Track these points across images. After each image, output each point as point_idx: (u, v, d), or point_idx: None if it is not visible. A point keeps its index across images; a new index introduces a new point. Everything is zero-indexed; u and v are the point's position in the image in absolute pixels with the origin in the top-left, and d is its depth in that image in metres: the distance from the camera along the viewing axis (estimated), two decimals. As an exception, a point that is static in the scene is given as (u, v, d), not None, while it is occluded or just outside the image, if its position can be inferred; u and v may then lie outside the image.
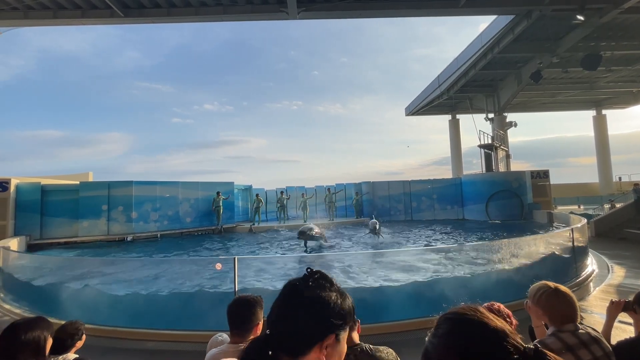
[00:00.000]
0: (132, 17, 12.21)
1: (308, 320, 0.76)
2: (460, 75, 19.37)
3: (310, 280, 0.81)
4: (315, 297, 0.79)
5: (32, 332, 1.53)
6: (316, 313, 0.77)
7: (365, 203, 17.99)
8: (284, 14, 12.06)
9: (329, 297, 0.80)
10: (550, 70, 17.57)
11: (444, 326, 0.74)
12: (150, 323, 4.67)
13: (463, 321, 0.72)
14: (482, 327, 0.70)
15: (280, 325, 0.77)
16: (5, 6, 11.43)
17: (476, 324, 0.71)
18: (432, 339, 0.74)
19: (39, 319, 1.66)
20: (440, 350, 0.71)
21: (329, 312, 0.78)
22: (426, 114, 28.16)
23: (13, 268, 6.70)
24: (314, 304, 0.78)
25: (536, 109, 27.14)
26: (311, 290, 0.79)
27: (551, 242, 6.47)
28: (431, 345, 0.74)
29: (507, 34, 14.84)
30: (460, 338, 0.70)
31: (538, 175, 16.69)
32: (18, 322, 1.57)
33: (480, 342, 0.68)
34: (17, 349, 1.46)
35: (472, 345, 0.68)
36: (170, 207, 13.51)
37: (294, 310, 0.77)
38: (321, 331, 0.76)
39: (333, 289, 0.82)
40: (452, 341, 0.71)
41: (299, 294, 0.79)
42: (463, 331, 0.71)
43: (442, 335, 0.72)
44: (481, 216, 15.84)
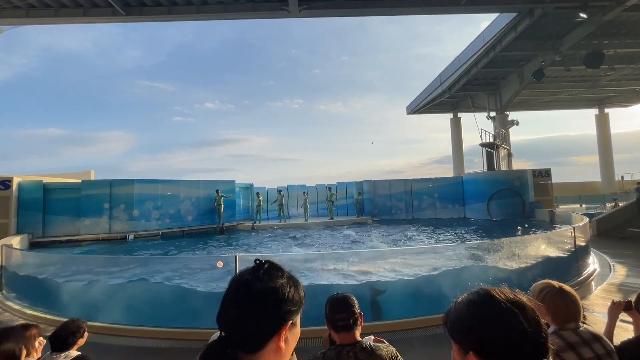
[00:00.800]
0: (133, 15, 12.21)
1: (263, 314, 0.74)
2: (462, 74, 19.31)
3: (260, 272, 0.78)
4: (267, 289, 0.76)
5: (6, 344, 1.50)
6: (270, 305, 0.74)
7: (366, 202, 17.99)
8: (285, 12, 12.04)
9: (282, 287, 0.77)
10: (553, 68, 17.49)
11: (473, 300, 0.78)
12: (151, 321, 4.69)
13: (492, 305, 0.74)
14: (511, 321, 0.71)
15: (235, 326, 0.73)
16: (7, 4, 11.45)
17: (506, 314, 0.72)
18: (456, 310, 0.79)
19: (13, 328, 1.61)
20: (458, 324, 0.77)
21: (282, 301, 0.75)
22: (428, 113, 28.10)
23: (15, 266, 6.73)
24: (267, 297, 0.75)
25: (538, 108, 27.02)
26: (262, 282, 0.76)
27: (553, 241, 6.45)
28: (455, 313, 0.79)
29: (509, 32, 14.77)
30: (481, 324, 0.73)
31: (540, 174, 16.65)
32: None
33: (499, 338, 0.70)
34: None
35: (490, 335, 0.71)
36: (172, 206, 13.53)
37: (247, 307, 0.74)
38: (277, 322, 0.74)
39: (284, 277, 0.80)
40: (470, 325, 0.74)
41: (250, 288, 0.76)
42: (486, 319, 0.73)
43: (466, 310, 0.77)
44: (483, 215, 15.81)
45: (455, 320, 0.78)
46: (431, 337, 4.20)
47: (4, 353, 1.45)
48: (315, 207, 18.50)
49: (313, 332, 3.71)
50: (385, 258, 5.79)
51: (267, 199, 17.66)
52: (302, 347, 1.26)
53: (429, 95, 23.60)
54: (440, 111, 27.37)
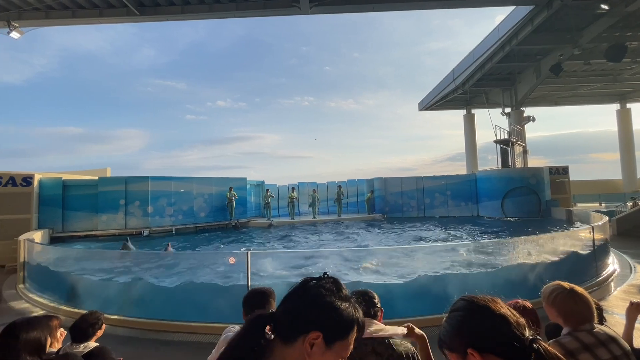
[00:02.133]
0: (147, 15, 12.41)
1: (301, 309, 0.82)
2: (476, 69, 18.89)
3: (321, 281, 0.88)
4: (317, 293, 0.85)
5: (32, 332, 1.54)
6: (309, 306, 0.83)
7: (377, 199, 17.89)
8: (296, 9, 12.02)
9: (329, 299, 0.84)
10: (572, 62, 16.92)
11: (457, 307, 0.93)
12: (165, 314, 4.80)
13: (473, 304, 0.90)
14: (489, 312, 0.86)
15: (282, 306, 0.85)
16: (28, 6, 11.81)
17: (484, 308, 0.87)
18: (446, 321, 0.93)
19: (39, 318, 1.66)
20: (450, 330, 0.90)
21: (322, 310, 0.82)
22: (440, 109, 27.64)
23: (37, 260, 7.00)
24: (312, 298, 0.84)
25: (556, 103, 26.20)
26: (317, 288, 0.86)
27: (570, 240, 6.28)
28: (445, 325, 0.93)
29: (526, 25, 14.35)
30: (469, 319, 0.88)
31: (557, 171, 16.19)
32: (18, 322, 1.56)
33: (486, 325, 0.84)
34: (18, 348, 1.46)
35: (478, 326, 0.85)
36: (185, 202, 13.77)
37: (296, 298, 0.85)
38: (307, 323, 0.80)
39: (339, 295, 0.86)
40: (461, 322, 0.88)
41: (306, 287, 0.87)
42: (472, 313, 0.88)
43: (454, 317, 0.91)
44: (497, 213, 15.50)
45: (447, 331, 0.91)
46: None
47: (31, 341, 1.50)
48: (326, 204, 18.52)
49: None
50: (395, 256, 5.75)
51: (278, 196, 17.79)
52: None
53: (442, 91, 23.20)
54: (453, 107, 26.89)
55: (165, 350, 4.13)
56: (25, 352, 1.45)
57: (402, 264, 5.46)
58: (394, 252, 6.35)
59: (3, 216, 10.19)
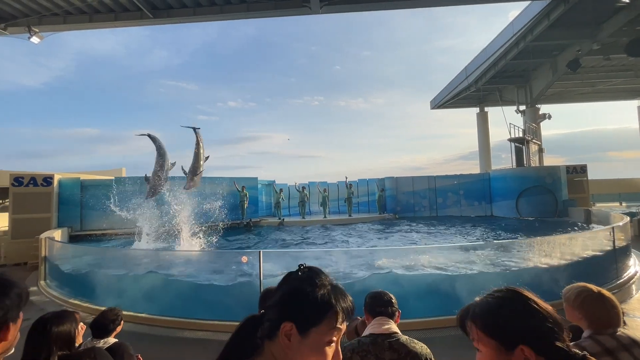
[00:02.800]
0: (160, 18, 12.63)
1: (277, 303, 0.82)
2: (489, 66, 18.51)
3: (298, 272, 0.87)
4: (289, 284, 0.84)
5: (62, 326, 1.57)
6: (283, 298, 0.82)
7: (389, 199, 17.75)
8: (306, 8, 12.02)
9: (299, 286, 0.82)
10: (590, 57, 16.40)
11: (509, 297, 0.89)
12: (182, 312, 4.89)
13: (530, 302, 0.86)
14: (547, 314, 0.84)
15: (265, 309, 0.85)
16: (47, 12, 12.19)
17: (541, 309, 0.85)
18: (495, 307, 0.88)
19: (66, 312, 1.70)
20: (500, 319, 0.85)
21: (290, 298, 0.80)
22: (453, 107, 27.23)
23: (56, 257, 7.23)
24: (284, 290, 0.83)
25: (573, 100, 25.44)
26: (292, 279, 0.85)
27: (589, 241, 6.11)
28: (491, 309, 0.88)
29: (541, 20, 13.98)
30: (529, 317, 0.84)
31: (574, 170, 15.74)
32: (48, 316, 1.60)
33: (544, 328, 0.82)
34: (50, 341, 1.50)
35: (540, 328, 0.82)
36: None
37: (276, 292, 0.85)
38: (280, 315, 0.79)
39: (312, 282, 0.82)
40: (518, 316, 0.84)
41: (284, 279, 0.87)
42: (533, 312, 0.84)
43: (508, 306, 0.86)
44: (511, 213, 15.18)
45: (502, 319, 0.85)
46: (451, 338, 4.11)
47: (62, 335, 1.54)
48: (337, 203, 18.49)
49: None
50: (406, 255, 5.70)
51: (289, 196, 17.87)
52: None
53: (454, 89, 22.84)
54: (466, 105, 26.44)
55: (178, 347, 4.21)
56: (57, 346, 1.49)
57: (413, 264, 5.41)
58: (405, 252, 6.30)
59: (25, 215, 10.56)
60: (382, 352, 1.54)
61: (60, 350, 1.50)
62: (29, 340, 1.48)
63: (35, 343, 1.48)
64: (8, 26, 12.35)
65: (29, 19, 12.26)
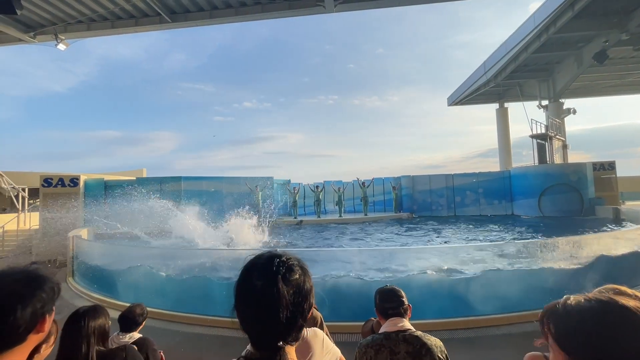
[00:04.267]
0: (178, 21, 12.95)
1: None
2: (509, 60, 17.93)
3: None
4: None
5: (97, 320, 1.63)
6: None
7: (405, 198, 17.53)
8: (320, 7, 12.01)
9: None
10: (618, 48, 15.61)
11: (584, 304, 0.70)
12: (199, 309, 5.01)
13: (609, 306, 0.67)
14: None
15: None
16: (72, 20, 12.73)
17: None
18: (579, 311, 0.70)
19: (99, 307, 1.75)
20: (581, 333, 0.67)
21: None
22: (471, 104, 26.53)
23: (84, 255, 7.55)
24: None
25: (600, 93, 24.29)
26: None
27: (618, 240, 5.83)
28: (563, 310, 0.70)
29: (565, 11, 13.41)
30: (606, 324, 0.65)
31: (602, 167, 15.04)
32: (83, 310, 1.65)
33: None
34: (86, 334, 1.54)
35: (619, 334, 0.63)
36: (216, 201, 14.25)
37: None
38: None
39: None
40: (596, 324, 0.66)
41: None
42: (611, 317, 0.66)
43: (593, 311, 0.68)
44: (533, 212, 14.67)
45: (573, 329, 0.69)
46: (462, 340, 4.02)
47: (98, 328, 1.61)
48: (352, 202, 18.43)
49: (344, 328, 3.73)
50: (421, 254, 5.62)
51: (304, 195, 17.94)
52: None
53: (473, 84, 22.25)
54: (485, 101, 25.71)
55: (202, 344, 4.32)
56: (92, 339, 1.55)
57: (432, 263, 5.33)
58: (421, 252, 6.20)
59: (54, 214, 11.08)
60: (397, 345, 1.56)
61: (96, 344, 1.55)
62: (66, 334, 1.53)
63: (73, 336, 1.53)
64: (37, 34, 12.99)
65: (55, 26, 12.84)
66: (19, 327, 0.82)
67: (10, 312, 0.80)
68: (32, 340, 0.87)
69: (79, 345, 1.50)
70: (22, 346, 0.84)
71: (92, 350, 1.52)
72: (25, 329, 0.83)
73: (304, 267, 0.87)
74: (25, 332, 0.84)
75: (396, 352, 1.54)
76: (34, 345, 0.88)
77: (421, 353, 1.52)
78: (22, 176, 16.78)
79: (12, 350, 0.82)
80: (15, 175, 16.01)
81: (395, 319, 1.67)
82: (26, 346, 0.86)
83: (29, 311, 0.83)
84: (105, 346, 1.64)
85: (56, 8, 11.90)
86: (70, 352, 1.49)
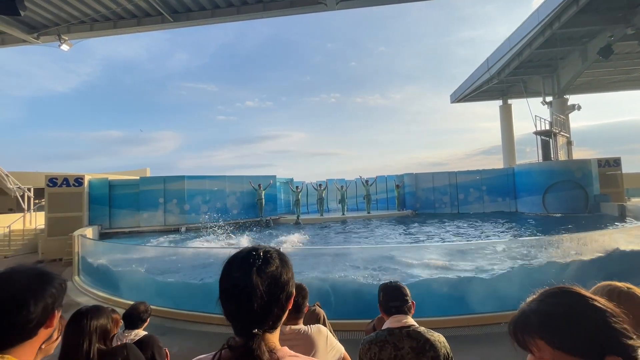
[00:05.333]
0: (180, 21, 12.96)
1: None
2: (512, 57, 17.79)
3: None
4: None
5: (100, 319, 1.65)
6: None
7: (408, 195, 17.51)
8: (322, 5, 11.97)
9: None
10: (624, 43, 15.44)
11: (556, 300, 0.76)
12: (204, 307, 5.04)
13: (576, 296, 0.75)
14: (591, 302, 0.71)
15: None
16: (75, 20, 12.79)
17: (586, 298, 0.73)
18: (542, 309, 0.76)
19: (101, 307, 1.77)
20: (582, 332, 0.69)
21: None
22: (474, 101, 26.38)
23: (89, 253, 7.61)
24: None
25: (605, 89, 24.04)
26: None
27: (624, 236, 5.78)
28: (543, 314, 0.74)
29: (570, 6, 13.27)
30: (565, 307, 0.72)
31: (607, 163, 14.92)
32: (84, 309, 1.67)
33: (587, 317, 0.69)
34: (88, 333, 1.57)
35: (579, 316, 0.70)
36: (219, 200, 14.31)
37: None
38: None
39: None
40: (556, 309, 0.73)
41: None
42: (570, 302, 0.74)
43: (549, 303, 0.76)
44: (537, 209, 14.59)
45: (566, 322, 0.71)
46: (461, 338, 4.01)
47: (99, 327, 1.63)
48: (355, 201, 18.43)
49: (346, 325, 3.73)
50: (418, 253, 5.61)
51: (307, 193, 17.96)
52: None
53: (476, 81, 22.11)
54: (488, 98, 25.55)
55: (208, 340, 4.35)
56: (94, 338, 1.58)
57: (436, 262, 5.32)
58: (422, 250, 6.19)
59: (59, 214, 11.18)
60: (401, 341, 1.57)
61: (97, 342, 1.58)
62: (68, 332, 1.55)
63: (75, 334, 1.56)
64: (40, 35, 13.07)
65: (59, 27, 12.91)
66: (32, 321, 0.83)
67: (24, 306, 0.82)
68: (42, 335, 0.88)
69: (80, 343, 1.53)
70: (32, 340, 0.86)
71: (94, 348, 1.54)
72: (37, 323, 0.85)
73: (284, 260, 0.89)
74: (36, 326, 0.85)
75: (400, 348, 1.54)
76: (43, 340, 0.89)
77: (425, 348, 1.53)
78: (28, 176, 16.94)
79: (23, 344, 0.84)
80: (20, 176, 16.16)
81: (399, 316, 1.68)
82: (36, 341, 0.87)
83: (40, 306, 0.85)
84: (107, 345, 1.66)
85: (59, 9, 11.95)
86: (72, 350, 1.52)
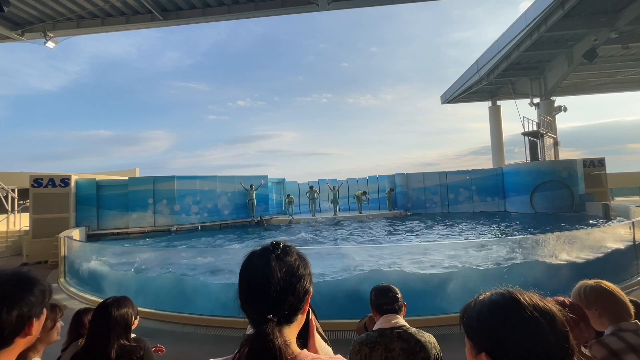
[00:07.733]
0: (170, 19, 12.80)
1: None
2: (501, 59, 18.10)
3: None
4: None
5: (122, 310, 1.67)
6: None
7: (399, 195, 17.65)
8: (314, 5, 11.97)
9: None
10: (608, 47, 15.85)
11: (493, 297, 0.75)
12: (194, 309, 4.98)
13: (512, 296, 0.72)
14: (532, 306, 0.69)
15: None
16: (61, 17, 12.50)
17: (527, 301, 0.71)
18: (480, 303, 0.76)
19: (125, 298, 1.79)
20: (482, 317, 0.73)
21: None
22: (464, 101, 26.75)
23: (75, 255, 7.44)
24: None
25: (590, 91, 24.66)
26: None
27: (608, 236, 5.93)
28: (478, 307, 0.75)
29: (556, 10, 13.57)
30: (506, 309, 0.70)
31: (592, 163, 15.29)
32: (109, 301, 1.70)
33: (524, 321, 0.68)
34: (111, 325, 1.60)
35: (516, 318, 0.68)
36: (210, 200, 14.17)
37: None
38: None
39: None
40: (496, 311, 0.71)
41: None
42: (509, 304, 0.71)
43: (490, 303, 0.74)
44: (525, 208, 14.87)
45: (473, 319, 0.75)
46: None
47: (122, 320, 1.65)
48: (347, 201, 18.48)
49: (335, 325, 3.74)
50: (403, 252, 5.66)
51: (299, 194, 17.95)
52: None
53: (465, 82, 22.43)
54: (477, 99, 25.94)
55: (199, 344, 4.29)
56: (116, 331, 1.60)
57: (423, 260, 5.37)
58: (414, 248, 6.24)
59: (45, 215, 10.90)
60: (391, 342, 1.58)
61: (119, 336, 1.60)
62: (94, 324, 1.61)
63: (99, 326, 1.59)
64: (25, 32, 12.72)
65: (44, 24, 12.59)
66: (3, 330, 0.81)
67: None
68: (20, 344, 0.86)
69: (105, 334, 1.57)
70: (9, 349, 0.84)
71: (114, 341, 1.57)
72: (11, 332, 0.82)
73: (303, 257, 0.90)
74: (11, 335, 0.83)
75: (391, 349, 1.55)
76: (22, 349, 0.87)
77: (415, 350, 1.54)
78: (12, 176, 16.46)
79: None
80: (4, 176, 15.70)
81: (390, 316, 1.69)
82: (14, 349, 0.85)
83: (14, 314, 0.82)
84: (128, 338, 1.67)
85: (44, 5, 11.66)
86: (96, 342, 1.55)
